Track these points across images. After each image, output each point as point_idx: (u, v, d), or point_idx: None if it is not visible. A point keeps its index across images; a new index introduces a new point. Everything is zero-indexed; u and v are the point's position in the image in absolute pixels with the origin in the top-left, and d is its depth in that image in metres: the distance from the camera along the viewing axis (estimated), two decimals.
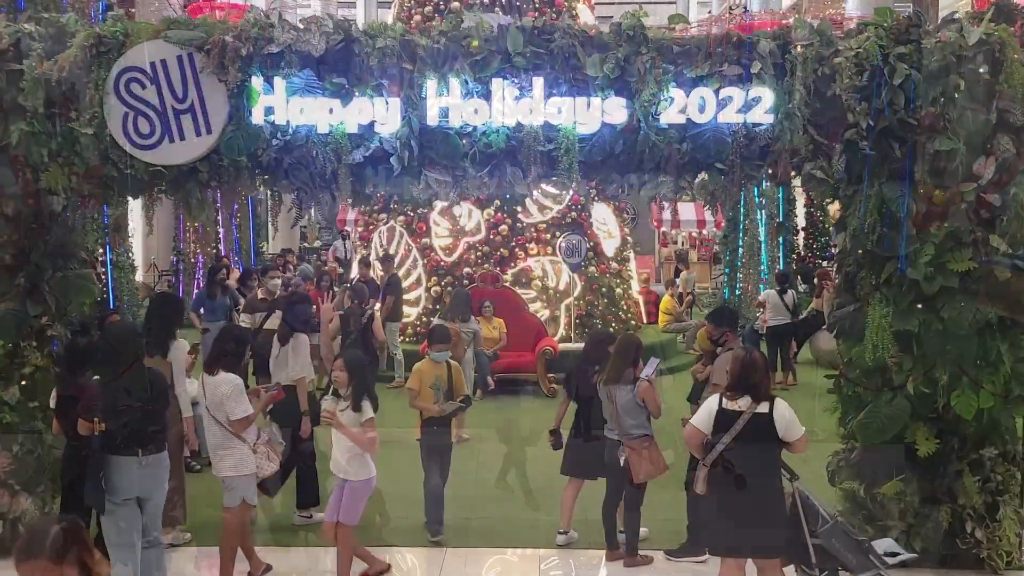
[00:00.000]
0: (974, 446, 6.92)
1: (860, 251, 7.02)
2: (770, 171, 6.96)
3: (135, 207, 27.37)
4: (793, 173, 6.95)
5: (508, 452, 10.04)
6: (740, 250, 20.24)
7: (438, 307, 14.68)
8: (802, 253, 24.07)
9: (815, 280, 16.94)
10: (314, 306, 14.08)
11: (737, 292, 20.31)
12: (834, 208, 26.30)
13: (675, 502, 7.72)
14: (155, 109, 6.89)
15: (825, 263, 20.94)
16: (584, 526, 7.70)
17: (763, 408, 5.74)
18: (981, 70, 6.60)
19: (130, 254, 13.10)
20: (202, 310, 12.94)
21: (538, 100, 6.85)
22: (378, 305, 14.41)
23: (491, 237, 15.46)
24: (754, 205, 20.96)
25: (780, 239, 20.87)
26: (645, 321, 17.77)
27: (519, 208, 14.78)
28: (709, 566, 7.07)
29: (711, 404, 5.89)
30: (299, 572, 7.30)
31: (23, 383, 7.22)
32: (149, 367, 6.28)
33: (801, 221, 25.34)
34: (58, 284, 7.36)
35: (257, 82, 6.82)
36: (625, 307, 16.39)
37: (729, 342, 7.28)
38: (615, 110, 6.84)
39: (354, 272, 15.84)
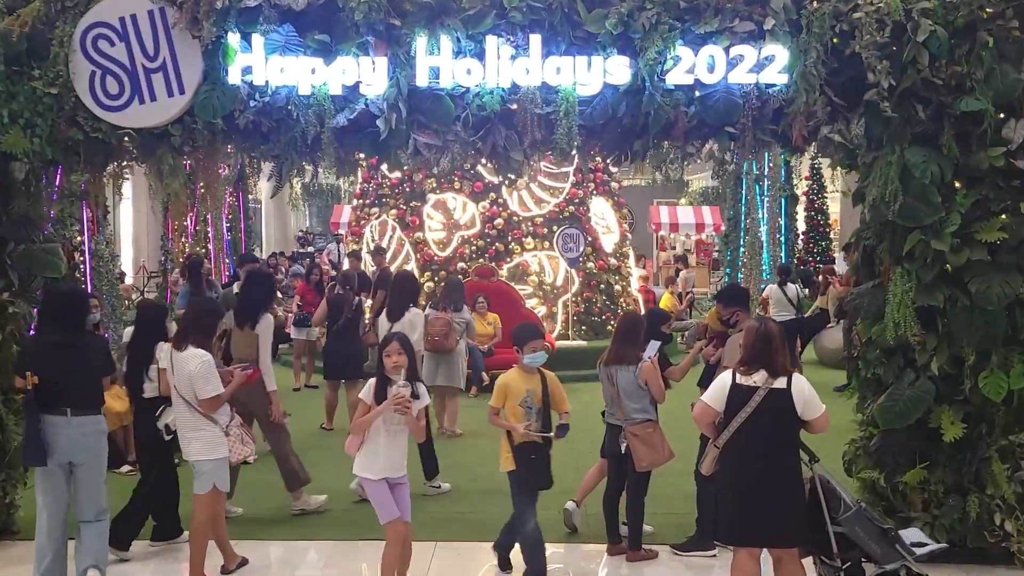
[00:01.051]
0: (1004, 431, 6.40)
1: (880, 223, 6.53)
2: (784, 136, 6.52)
3: (126, 213, 26.91)
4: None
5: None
6: (742, 249, 19.83)
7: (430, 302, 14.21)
8: (802, 257, 23.69)
9: (819, 278, 16.51)
10: (300, 298, 13.89)
11: None
12: (835, 215, 26.04)
13: (681, 496, 7.26)
14: (124, 68, 6.47)
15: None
16: (585, 520, 7.21)
17: (780, 383, 5.26)
18: (1011, 26, 6.14)
19: (110, 244, 12.57)
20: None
21: (535, 59, 6.39)
22: (369, 301, 13.96)
23: (486, 231, 15.05)
24: (755, 204, 20.60)
25: (783, 238, 20.43)
26: None
27: (515, 183, 14.32)
28: (720, 559, 6.62)
29: (724, 379, 5.41)
30: (279, 566, 6.80)
31: None
32: (93, 332, 5.89)
33: (802, 225, 25.00)
34: (21, 258, 6.87)
35: (234, 39, 6.37)
36: (624, 304, 15.95)
37: (741, 322, 6.79)
38: (618, 70, 6.38)
39: (345, 267, 15.40)
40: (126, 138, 6.64)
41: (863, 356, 6.78)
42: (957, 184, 6.30)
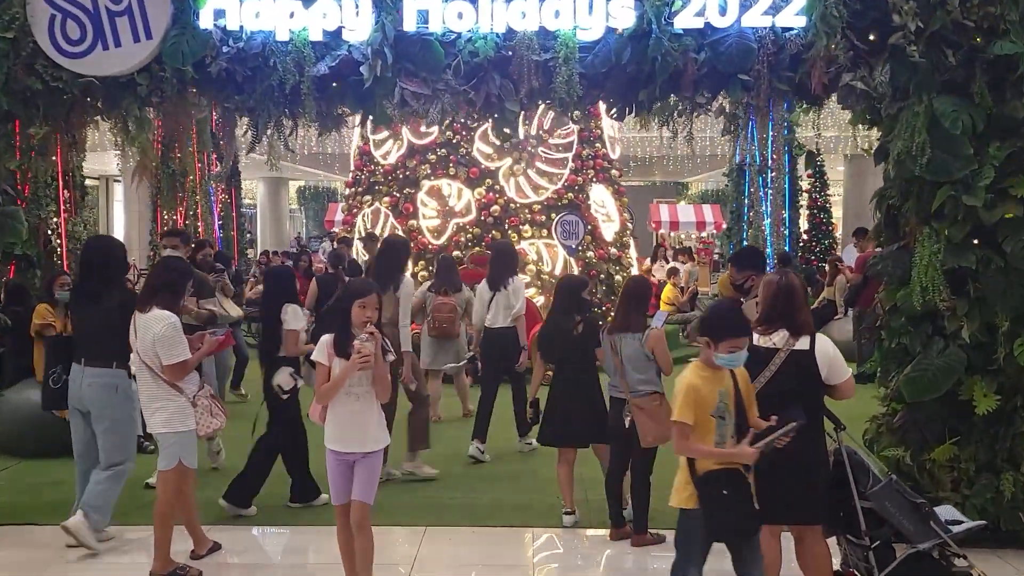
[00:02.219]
0: None
1: (905, 180, 6.03)
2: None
3: (118, 214, 26.56)
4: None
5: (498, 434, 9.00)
6: (744, 243, 19.36)
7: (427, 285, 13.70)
8: (804, 256, 23.24)
9: (826, 268, 16.06)
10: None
11: None
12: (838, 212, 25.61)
13: None
14: (86, 11, 6.01)
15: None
16: (584, 506, 6.69)
17: (803, 344, 4.74)
18: None
19: (88, 227, 12.02)
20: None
21: (532, 1, 5.92)
22: None
23: (482, 218, 14.51)
24: (758, 197, 20.14)
25: (787, 231, 19.94)
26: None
27: (513, 167, 13.84)
28: None
29: None
30: (255, 552, 6.28)
31: None
32: (128, 289, 5.97)
33: (804, 224, 24.57)
34: None
35: None
36: None
37: (755, 288, 6.27)
38: (622, 13, 5.91)
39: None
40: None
41: (887, 325, 6.28)
42: (990, 135, 5.81)
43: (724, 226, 26.98)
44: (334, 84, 6.07)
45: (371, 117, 6.37)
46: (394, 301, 7.49)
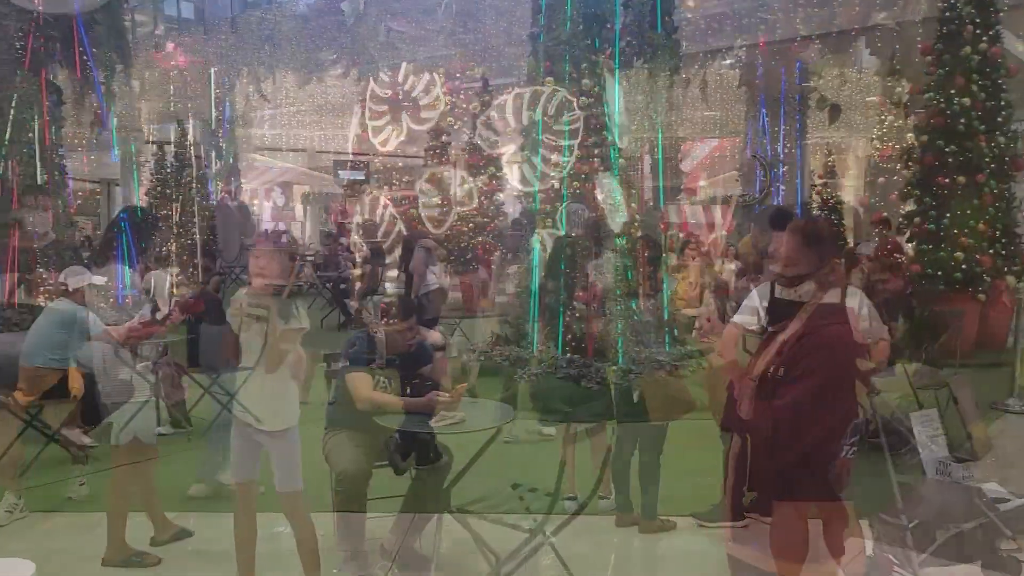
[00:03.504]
0: None
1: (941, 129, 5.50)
2: None
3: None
4: None
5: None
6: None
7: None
8: None
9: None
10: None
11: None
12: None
13: (700, 471, 6.21)
14: None
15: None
16: (586, 493, 6.13)
17: (832, 297, 4.20)
18: None
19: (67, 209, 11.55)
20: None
21: None
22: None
23: (485, 206, 14.05)
24: (770, 192, 19.62)
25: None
26: None
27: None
28: (750, 532, 5.55)
29: (761, 293, 4.36)
30: (222, 539, 5.74)
31: None
32: None
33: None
34: None
35: None
36: None
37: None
38: None
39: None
40: None
41: (918, 289, 5.75)
42: None
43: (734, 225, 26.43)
44: (313, 25, 5.56)
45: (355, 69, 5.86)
46: None
